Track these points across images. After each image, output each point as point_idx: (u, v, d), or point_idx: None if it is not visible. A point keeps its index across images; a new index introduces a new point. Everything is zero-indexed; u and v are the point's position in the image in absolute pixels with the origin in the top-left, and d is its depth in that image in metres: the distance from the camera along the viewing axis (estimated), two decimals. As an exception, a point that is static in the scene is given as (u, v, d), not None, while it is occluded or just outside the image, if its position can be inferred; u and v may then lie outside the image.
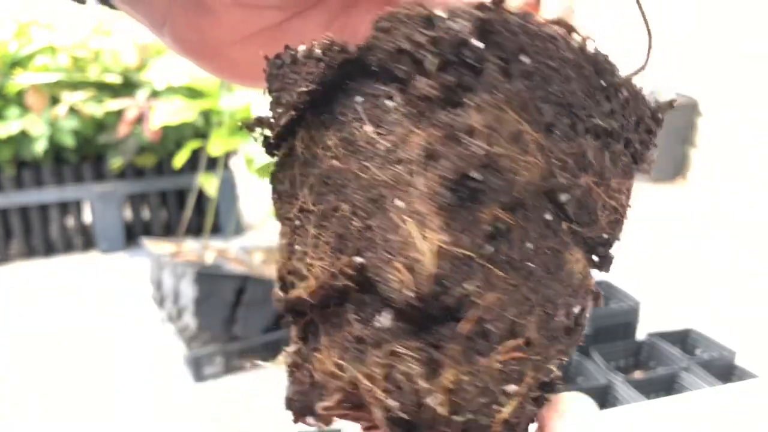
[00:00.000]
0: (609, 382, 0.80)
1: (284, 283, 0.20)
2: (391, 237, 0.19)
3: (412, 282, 0.19)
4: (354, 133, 0.20)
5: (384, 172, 0.19)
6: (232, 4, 0.25)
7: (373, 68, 0.20)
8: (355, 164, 0.20)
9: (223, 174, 2.02)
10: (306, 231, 0.21)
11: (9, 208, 2.08)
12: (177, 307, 1.61)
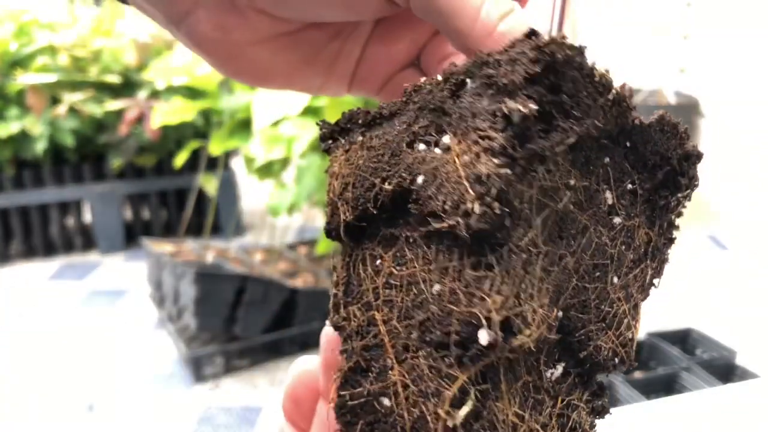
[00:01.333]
0: (609, 382, 0.80)
1: (511, 326, 0.19)
2: (604, 308, 0.21)
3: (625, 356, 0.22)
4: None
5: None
6: (261, 11, 0.26)
7: None
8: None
9: (223, 174, 2.02)
10: (534, 271, 0.20)
11: (9, 208, 2.08)
12: (177, 307, 1.61)
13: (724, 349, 0.85)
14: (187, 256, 1.63)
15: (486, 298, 0.18)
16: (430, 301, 0.19)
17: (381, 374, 0.20)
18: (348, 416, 0.21)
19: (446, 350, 0.19)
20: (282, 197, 1.54)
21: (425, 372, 0.19)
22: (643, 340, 0.90)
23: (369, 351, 0.21)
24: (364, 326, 0.21)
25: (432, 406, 0.19)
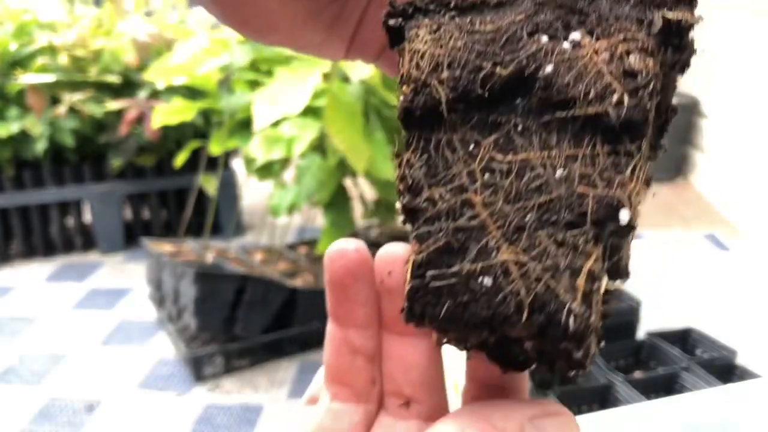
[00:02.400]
0: (609, 382, 0.80)
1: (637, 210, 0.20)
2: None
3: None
4: None
5: None
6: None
7: None
8: None
9: (223, 174, 2.02)
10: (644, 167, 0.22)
11: (9, 208, 2.08)
12: (177, 307, 1.61)
13: (724, 349, 0.85)
14: (187, 256, 1.63)
15: (627, 183, 0.20)
16: (552, 185, 0.20)
17: (482, 255, 0.19)
18: (429, 298, 0.20)
19: (579, 228, 0.19)
20: (282, 197, 1.54)
21: (551, 250, 0.19)
22: (642, 340, 0.90)
23: (464, 232, 0.20)
24: (456, 208, 0.20)
25: (566, 280, 0.19)
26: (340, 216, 1.55)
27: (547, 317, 0.18)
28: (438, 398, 0.24)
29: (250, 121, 1.56)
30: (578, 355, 0.18)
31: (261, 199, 2.49)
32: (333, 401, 0.25)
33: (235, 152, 2.18)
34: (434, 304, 0.20)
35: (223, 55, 1.59)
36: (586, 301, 0.18)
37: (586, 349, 0.18)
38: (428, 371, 0.24)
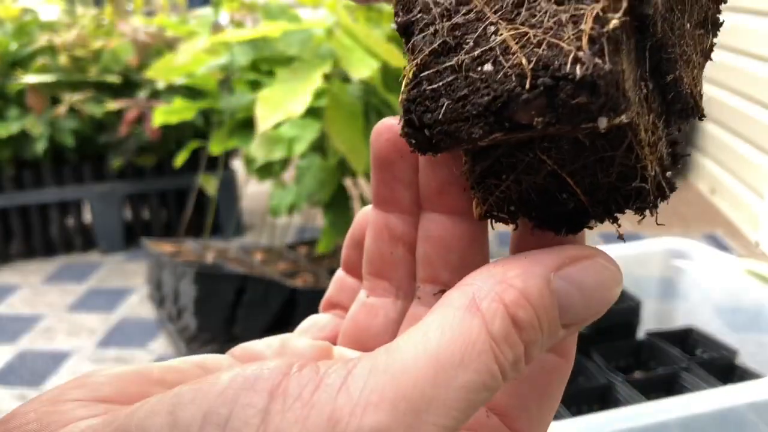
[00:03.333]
0: (609, 382, 0.79)
1: None
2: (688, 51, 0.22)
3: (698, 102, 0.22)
4: None
5: None
6: None
7: None
8: None
9: (223, 174, 2.02)
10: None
11: (9, 208, 2.08)
12: (177, 307, 1.61)
13: (724, 349, 0.85)
14: (187, 256, 1.64)
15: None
16: None
17: (480, 42, 0.17)
18: (426, 104, 0.17)
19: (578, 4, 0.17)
20: (282, 197, 1.54)
21: (550, 10, 0.17)
22: (643, 340, 0.90)
23: (460, 28, 0.18)
24: (452, 6, 0.18)
25: (570, 30, 0.16)
26: (340, 216, 1.55)
27: (552, 75, 0.16)
28: None
29: (250, 121, 1.56)
30: (596, 106, 0.16)
31: (261, 199, 2.49)
32: (369, 296, 0.24)
33: (235, 152, 2.18)
34: (432, 109, 0.17)
35: (223, 55, 1.59)
36: (595, 44, 0.16)
37: (606, 97, 0.16)
38: (470, 253, 0.22)
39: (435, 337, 0.16)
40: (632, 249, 1.00)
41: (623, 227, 0.22)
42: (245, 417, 0.15)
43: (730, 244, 2.16)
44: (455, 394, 0.16)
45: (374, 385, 0.15)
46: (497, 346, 0.16)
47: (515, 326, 0.17)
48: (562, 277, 0.18)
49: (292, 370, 0.16)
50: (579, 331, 0.20)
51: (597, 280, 0.18)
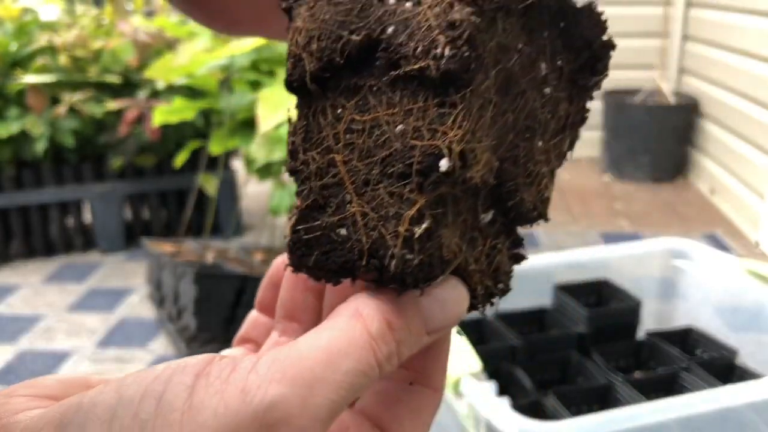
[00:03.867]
0: (609, 382, 0.79)
1: (465, 159, 0.22)
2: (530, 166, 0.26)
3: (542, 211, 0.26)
4: None
5: None
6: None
7: None
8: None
9: (223, 174, 2.02)
10: (486, 117, 0.23)
11: (9, 208, 2.08)
12: (177, 307, 1.61)
13: (724, 349, 0.85)
14: (187, 256, 1.64)
15: (448, 131, 0.21)
16: (392, 140, 0.22)
17: (339, 208, 0.22)
18: (303, 250, 0.23)
19: (408, 179, 0.21)
20: (282, 197, 1.55)
21: (386, 200, 0.21)
22: (643, 340, 0.90)
23: (327, 189, 0.23)
24: (323, 168, 0.23)
25: (392, 227, 0.21)
26: (340, 216, 1.55)
27: (379, 261, 0.21)
28: None
29: (250, 121, 1.56)
30: (417, 288, 0.22)
31: (261, 199, 2.49)
32: (281, 336, 0.29)
33: (235, 152, 2.18)
34: (307, 255, 0.22)
35: (224, 56, 1.59)
36: (408, 245, 0.21)
37: (420, 275, 0.21)
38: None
39: (326, 335, 0.21)
40: (632, 249, 1.00)
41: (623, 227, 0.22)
42: (176, 391, 0.19)
43: (730, 244, 2.16)
44: (341, 377, 0.20)
45: (277, 367, 0.19)
46: (375, 343, 0.21)
47: (389, 329, 0.21)
48: (426, 294, 0.22)
49: (214, 360, 0.20)
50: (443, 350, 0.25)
51: (452, 297, 0.23)
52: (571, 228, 2.31)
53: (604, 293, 0.95)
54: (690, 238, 1.00)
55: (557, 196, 2.65)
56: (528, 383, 0.78)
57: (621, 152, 2.79)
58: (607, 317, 0.88)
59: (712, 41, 2.58)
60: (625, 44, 3.04)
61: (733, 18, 2.39)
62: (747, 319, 0.89)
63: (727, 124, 2.46)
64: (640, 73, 2.95)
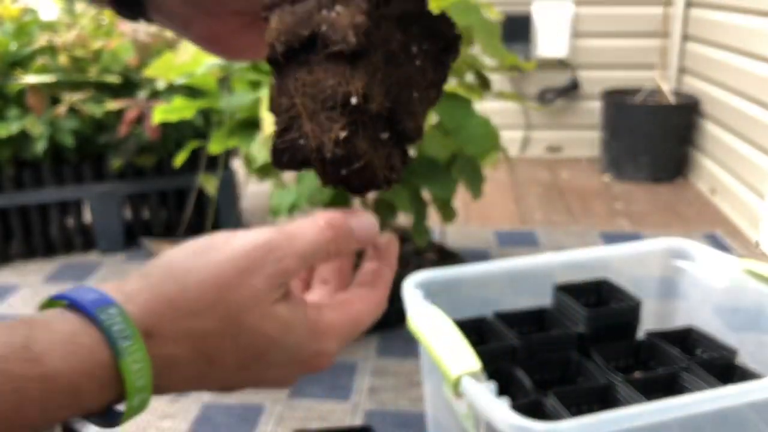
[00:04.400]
0: (609, 382, 0.79)
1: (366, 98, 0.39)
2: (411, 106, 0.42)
3: (420, 132, 0.42)
4: None
5: None
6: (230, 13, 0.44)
7: None
8: None
9: (223, 174, 2.02)
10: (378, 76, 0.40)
11: (9, 208, 2.08)
12: (177, 307, 1.61)
13: (724, 349, 0.85)
14: (187, 256, 1.63)
15: (356, 83, 0.37)
16: (326, 89, 0.37)
17: (299, 129, 0.38)
18: (279, 154, 0.39)
19: (335, 110, 0.37)
20: (282, 197, 1.54)
21: (324, 122, 0.37)
22: (642, 340, 0.90)
23: (291, 119, 0.38)
24: (288, 107, 0.38)
25: (327, 136, 0.37)
26: (340, 216, 1.55)
27: (322, 155, 0.38)
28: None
29: (250, 121, 1.56)
30: (343, 172, 0.38)
31: (261, 199, 2.49)
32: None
33: (235, 152, 2.18)
34: (282, 157, 0.39)
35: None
36: (336, 144, 0.37)
37: (348, 166, 0.38)
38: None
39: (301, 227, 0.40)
40: (632, 249, 1.00)
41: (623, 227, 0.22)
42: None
43: (730, 244, 2.16)
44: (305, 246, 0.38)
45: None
46: (328, 242, 0.39)
47: (335, 237, 0.39)
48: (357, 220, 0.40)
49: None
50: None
51: (369, 220, 0.41)
52: (571, 228, 2.31)
53: (604, 293, 0.95)
54: (690, 238, 1.01)
55: (557, 196, 2.65)
56: (528, 383, 0.78)
57: (621, 152, 2.79)
58: (607, 317, 0.88)
59: (712, 41, 2.58)
60: (624, 44, 3.05)
61: (733, 18, 2.39)
62: (747, 319, 0.89)
63: (727, 124, 2.46)
64: (640, 73, 2.95)
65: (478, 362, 0.67)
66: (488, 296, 0.94)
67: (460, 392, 0.66)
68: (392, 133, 0.40)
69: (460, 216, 2.29)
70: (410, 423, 1.31)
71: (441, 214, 1.69)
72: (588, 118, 3.07)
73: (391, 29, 0.39)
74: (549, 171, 2.96)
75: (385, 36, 0.39)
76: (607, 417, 0.61)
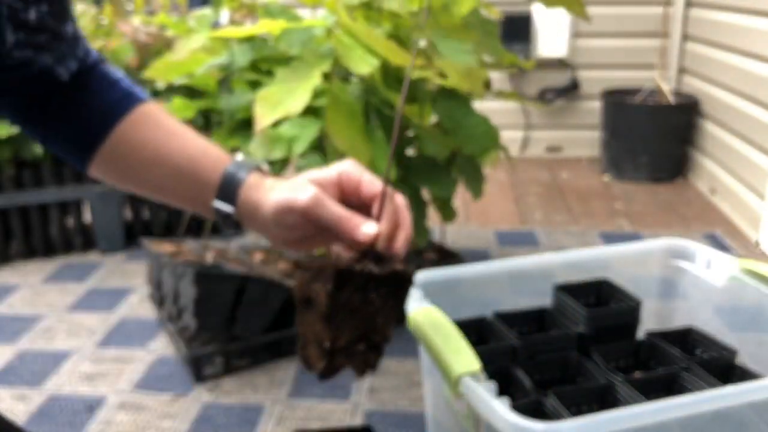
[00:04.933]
0: (609, 382, 0.79)
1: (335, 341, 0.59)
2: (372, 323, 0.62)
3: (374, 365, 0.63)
4: None
5: None
6: (278, 238, 0.65)
7: None
8: None
9: (223, 174, 2.01)
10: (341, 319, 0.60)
11: (9, 208, 2.08)
12: (177, 307, 1.61)
13: (724, 349, 0.85)
14: (187, 256, 1.63)
15: (327, 333, 0.58)
16: (313, 333, 0.60)
17: (303, 349, 0.61)
18: (303, 362, 0.61)
19: (319, 346, 0.60)
20: (282, 197, 1.54)
21: (315, 350, 0.61)
22: (642, 340, 0.90)
23: (303, 342, 0.61)
24: (302, 333, 0.61)
25: (318, 357, 0.61)
26: (340, 216, 1.54)
27: (315, 369, 0.61)
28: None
29: (250, 121, 1.55)
30: (333, 374, 0.60)
31: (261, 199, 2.48)
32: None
33: (235, 152, 2.18)
34: (304, 364, 0.61)
35: (223, 55, 1.59)
36: (325, 363, 0.59)
37: (334, 374, 0.61)
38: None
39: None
40: (632, 249, 1.00)
41: (623, 227, 0.22)
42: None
43: (730, 244, 2.16)
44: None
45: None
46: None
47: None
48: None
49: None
50: None
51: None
52: (571, 228, 2.31)
53: (604, 293, 0.95)
54: (690, 238, 1.00)
55: (557, 196, 2.65)
56: (528, 383, 0.78)
57: (621, 152, 2.79)
58: (607, 317, 0.88)
59: (712, 41, 2.58)
60: (625, 44, 3.05)
61: (733, 18, 2.39)
62: (747, 319, 0.89)
63: (727, 124, 2.46)
64: (640, 73, 2.95)
65: (478, 362, 0.67)
66: (488, 296, 0.93)
67: (460, 392, 0.66)
68: (366, 344, 0.59)
69: (460, 216, 2.29)
70: (410, 423, 1.31)
71: (441, 214, 1.69)
72: (588, 118, 3.07)
73: (352, 291, 0.57)
74: (549, 171, 2.96)
75: (347, 296, 0.57)
76: (607, 417, 0.61)
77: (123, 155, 0.69)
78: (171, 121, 0.70)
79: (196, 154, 0.67)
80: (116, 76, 0.72)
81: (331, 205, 0.59)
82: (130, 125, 0.69)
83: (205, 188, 0.65)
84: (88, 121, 0.69)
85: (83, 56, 0.71)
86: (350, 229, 0.58)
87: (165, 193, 0.69)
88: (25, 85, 0.68)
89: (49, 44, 0.65)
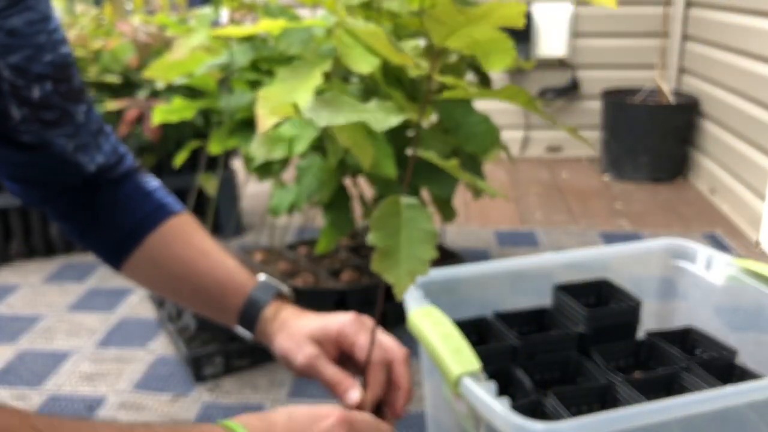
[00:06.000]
0: (609, 382, 0.79)
1: None
2: None
3: None
4: None
5: None
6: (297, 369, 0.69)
7: None
8: None
9: (223, 174, 2.02)
10: None
11: (9, 208, 2.08)
12: (177, 307, 1.61)
13: (724, 348, 0.85)
14: (187, 256, 1.63)
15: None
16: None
17: None
18: None
19: None
20: (282, 197, 1.54)
21: None
22: (642, 340, 0.90)
23: None
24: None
25: None
26: (340, 216, 1.55)
27: None
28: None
29: (250, 121, 1.56)
30: None
31: (261, 199, 2.49)
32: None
33: (235, 152, 2.18)
34: None
35: (223, 55, 1.59)
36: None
37: None
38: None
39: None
40: (632, 249, 1.00)
41: (623, 227, 0.22)
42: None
43: (730, 244, 2.16)
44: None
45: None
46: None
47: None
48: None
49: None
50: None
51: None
52: (571, 228, 2.31)
53: (604, 293, 0.95)
54: (690, 238, 1.00)
55: (557, 196, 2.65)
56: (528, 383, 0.78)
57: (621, 152, 2.79)
58: (606, 317, 0.88)
59: (712, 41, 2.58)
60: (624, 44, 3.05)
61: (733, 18, 2.39)
62: (747, 319, 0.89)
63: (727, 124, 2.46)
64: (640, 73, 2.95)
65: (478, 362, 0.67)
66: (488, 296, 0.93)
67: (460, 392, 0.66)
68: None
69: (460, 216, 2.30)
70: (410, 423, 1.31)
71: (441, 214, 1.69)
72: (588, 118, 3.07)
73: None
74: (549, 171, 2.96)
75: None
76: (607, 417, 0.61)
77: (153, 266, 0.72)
78: (200, 236, 0.73)
79: (222, 279, 0.71)
80: (151, 187, 0.74)
81: (324, 368, 0.65)
82: (161, 238, 0.72)
83: (228, 311, 0.71)
84: (121, 229, 0.72)
85: (112, 153, 0.72)
86: (339, 393, 0.64)
87: (193, 307, 0.76)
88: (51, 173, 0.69)
89: (58, 121, 0.66)
